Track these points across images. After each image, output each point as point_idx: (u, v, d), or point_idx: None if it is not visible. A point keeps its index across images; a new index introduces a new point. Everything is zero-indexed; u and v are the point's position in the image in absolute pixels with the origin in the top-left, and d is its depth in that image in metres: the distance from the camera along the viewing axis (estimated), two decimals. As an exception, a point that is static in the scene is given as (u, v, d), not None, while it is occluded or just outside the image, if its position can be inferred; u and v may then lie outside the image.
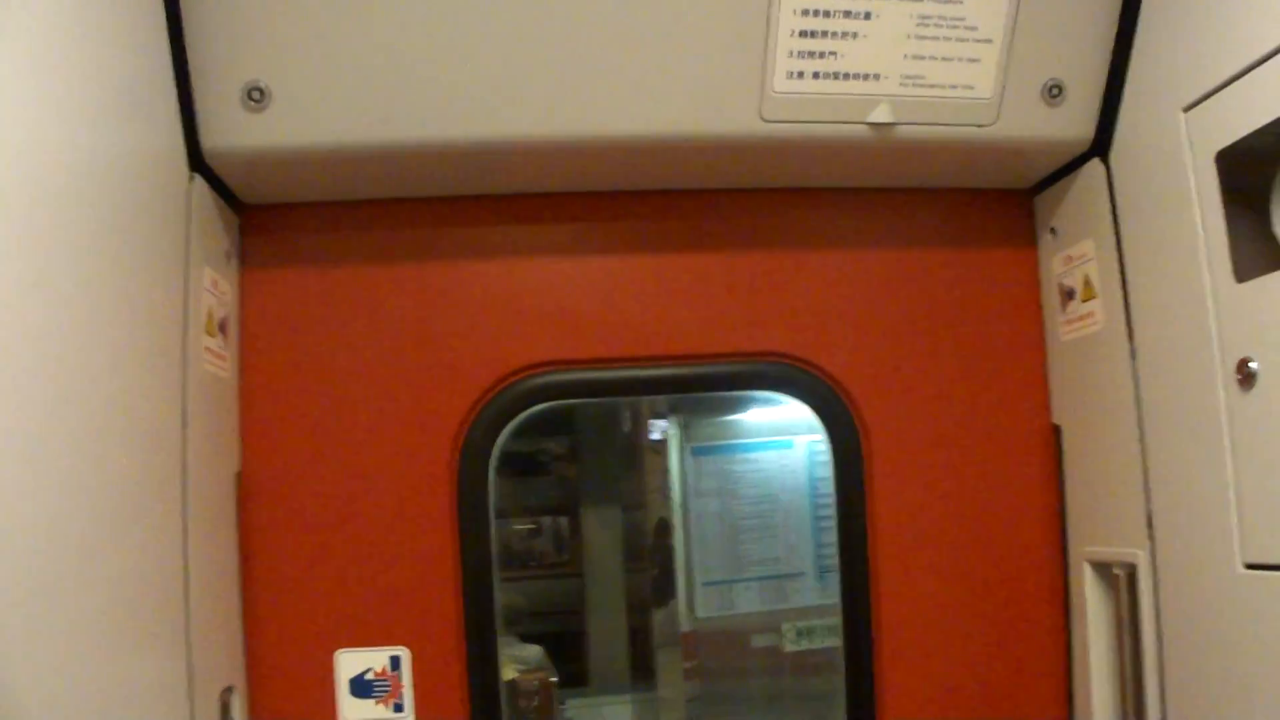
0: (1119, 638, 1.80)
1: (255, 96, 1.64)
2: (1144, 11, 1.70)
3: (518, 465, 3.59)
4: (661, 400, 3.16)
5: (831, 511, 3.02)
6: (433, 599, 1.85)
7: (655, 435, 3.25)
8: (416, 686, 1.83)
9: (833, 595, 3.05)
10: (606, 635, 3.27)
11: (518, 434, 2.01)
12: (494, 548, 1.90)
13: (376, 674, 1.83)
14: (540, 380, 1.92)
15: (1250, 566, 1.54)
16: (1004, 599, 1.97)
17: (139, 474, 1.42)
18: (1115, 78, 1.76)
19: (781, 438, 3.11)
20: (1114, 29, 1.74)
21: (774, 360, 1.97)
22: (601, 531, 3.37)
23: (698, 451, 3.14)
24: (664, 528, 3.18)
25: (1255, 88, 1.49)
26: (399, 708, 1.83)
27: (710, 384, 2.08)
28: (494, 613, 1.88)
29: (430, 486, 1.86)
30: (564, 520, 3.65)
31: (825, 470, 3.04)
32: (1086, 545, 1.91)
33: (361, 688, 1.83)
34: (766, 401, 3.07)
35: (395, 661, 1.83)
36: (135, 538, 1.40)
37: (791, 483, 3.08)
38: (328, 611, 1.83)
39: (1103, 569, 1.87)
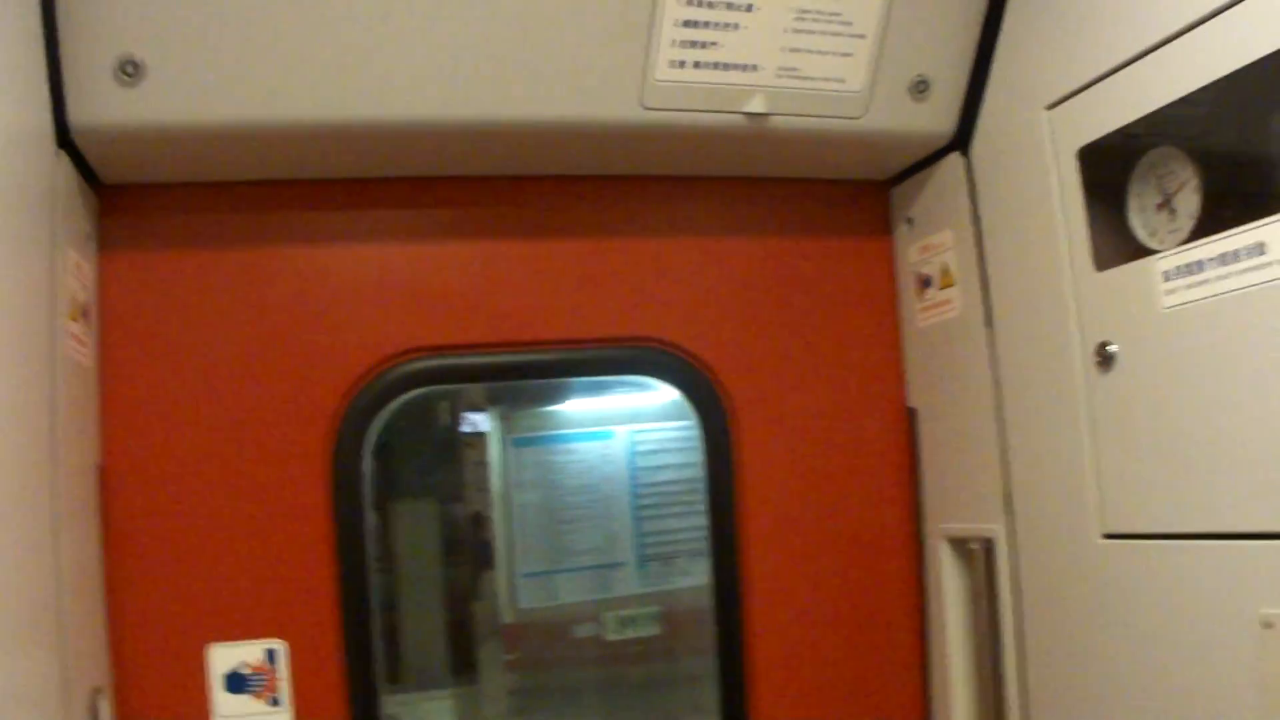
0: (976, 609, 1.90)
1: (129, 70, 1.53)
2: (1008, 13, 1.80)
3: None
4: (480, 391, 3.12)
5: (652, 501, 3.07)
6: (308, 590, 1.79)
7: (467, 428, 3.21)
8: (293, 679, 1.76)
9: (652, 584, 3.09)
10: (426, 630, 3.21)
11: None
12: (371, 536, 1.85)
13: (252, 668, 1.75)
14: (415, 366, 1.88)
15: (1108, 536, 1.65)
16: (864, 575, 2.05)
17: (5, 466, 1.30)
18: (979, 75, 1.86)
19: (602, 428, 3.12)
20: (979, 29, 1.83)
21: (647, 346, 1.99)
22: (419, 525, 3.30)
23: (518, 443, 3.11)
24: (481, 520, 3.14)
25: (1117, 90, 1.60)
26: (275, 702, 1.76)
27: (583, 369, 2.09)
28: (371, 602, 1.83)
29: (304, 475, 1.80)
30: (378, 515, 3.56)
31: (646, 460, 3.09)
32: (943, 523, 2.01)
33: (236, 683, 1.75)
34: (587, 391, 3.07)
35: (271, 655, 1.76)
36: (2, 534, 1.28)
37: (612, 473, 3.09)
38: (199, 605, 1.74)
39: (959, 544, 1.97)
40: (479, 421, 3.14)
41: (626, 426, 3.11)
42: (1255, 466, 1.40)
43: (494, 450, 3.09)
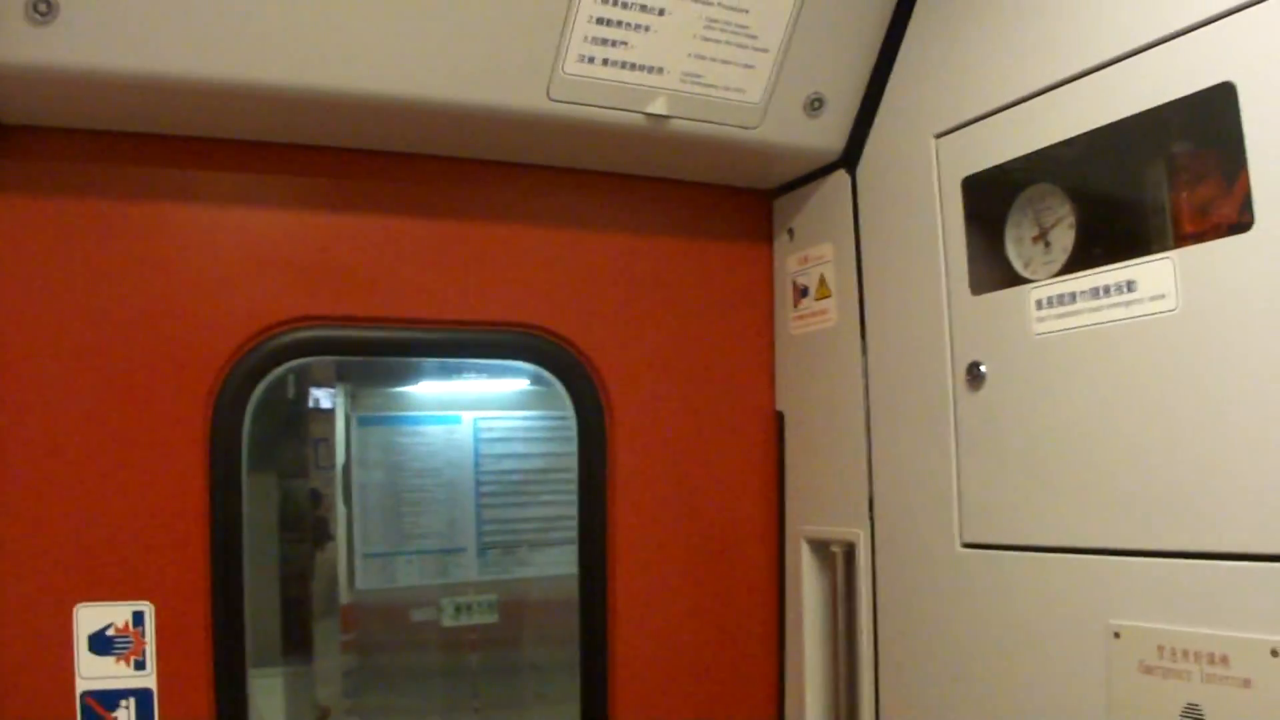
0: (834, 609, 1.98)
1: (41, 9, 1.46)
2: (905, 43, 1.88)
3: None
4: (328, 367, 3.08)
5: (495, 489, 3.09)
6: (180, 554, 1.74)
7: (313, 404, 3.15)
8: (159, 643, 1.72)
9: (490, 572, 3.11)
10: (261, 607, 3.14)
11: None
12: (246, 502, 1.82)
13: (118, 630, 1.70)
14: (300, 335, 1.86)
15: (968, 546, 1.75)
16: (726, 572, 2.12)
17: None
18: (872, 99, 1.93)
19: (449, 413, 3.11)
20: (876, 54, 1.91)
21: (530, 332, 2.01)
22: (258, 499, 3.22)
23: (363, 421, 3.08)
24: (321, 497, 3.09)
25: (1003, 127, 1.69)
26: (140, 665, 1.71)
27: (466, 350, 2.11)
28: (243, 569, 1.80)
29: (182, 437, 1.76)
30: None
31: (492, 448, 3.10)
32: (806, 525, 2.08)
33: (101, 644, 1.70)
34: (437, 374, 3.06)
35: (138, 617, 1.71)
36: None
37: (457, 458, 3.09)
38: (67, 564, 1.68)
39: (820, 547, 2.05)
40: (325, 398, 3.09)
41: (473, 412, 3.11)
42: (1111, 487, 1.51)
43: (339, 428, 3.05)
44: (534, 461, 3.15)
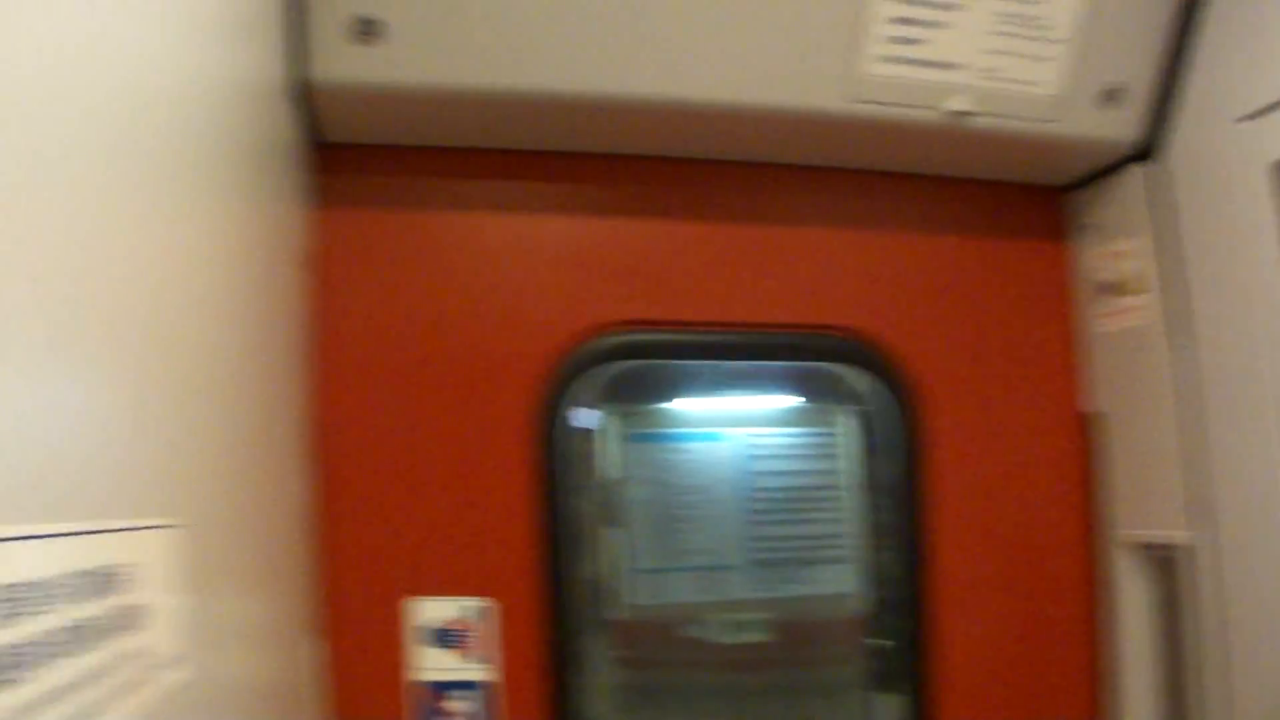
0: (1162, 617, 1.94)
1: (368, 30, 1.57)
2: (1205, 26, 1.84)
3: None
4: (598, 383, 3.16)
5: (764, 506, 3.09)
6: (513, 552, 1.83)
7: (585, 423, 3.23)
8: (495, 639, 1.80)
9: (765, 589, 3.11)
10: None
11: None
12: (574, 501, 1.90)
13: (456, 625, 1.79)
14: (616, 340, 1.93)
15: None
16: (1042, 579, 2.08)
17: (232, 415, 1.32)
18: (1170, 86, 1.90)
19: (717, 429, 3.15)
20: (1174, 40, 1.88)
21: (843, 335, 2.03)
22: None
23: (635, 439, 3.14)
24: (592, 512, 3.16)
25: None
26: (476, 659, 1.79)
27: (780, 354, 2.13)
28: (575, 567, 1.89)
29: (509, 438, 1.85)
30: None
31: (760, 464, 3.11)
32: (1129, 529, 2.02)
33: (438, 637, 1.79)
34: (701, 390, 3.10)
35: (474, 612, 1.80)
36: (223, 480, 1.31)
37: (726, 475, 3.11)
38: (402, 559, 1.79)
39: (1146, 551, 1.99)
40: (596, 415, 3.17)
41: (740, 429, 3.13)
42: None
43: (610, 446, 3.12)
44: (802, 479, 3.15)
